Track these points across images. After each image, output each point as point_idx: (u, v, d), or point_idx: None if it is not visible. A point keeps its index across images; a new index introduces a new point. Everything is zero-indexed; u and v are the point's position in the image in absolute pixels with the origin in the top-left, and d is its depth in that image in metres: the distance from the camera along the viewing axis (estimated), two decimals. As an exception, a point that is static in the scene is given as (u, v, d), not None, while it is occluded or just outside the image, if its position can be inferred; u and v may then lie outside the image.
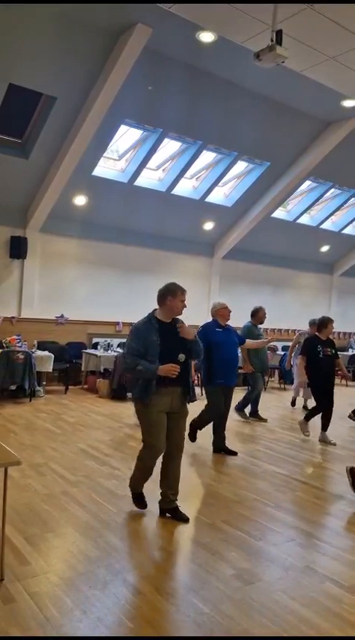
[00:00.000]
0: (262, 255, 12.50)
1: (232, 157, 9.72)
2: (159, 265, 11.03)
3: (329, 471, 5.47)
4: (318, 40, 6.17)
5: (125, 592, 2.88)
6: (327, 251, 13.62)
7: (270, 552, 3.49)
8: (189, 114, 8.46)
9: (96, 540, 3.47)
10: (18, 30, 6.42)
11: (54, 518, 3.80)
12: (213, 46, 6.97)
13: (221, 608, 2.78)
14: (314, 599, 2.93)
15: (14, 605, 2.69)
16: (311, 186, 11.58)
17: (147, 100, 7.96)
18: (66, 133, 7.96)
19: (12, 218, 9.13)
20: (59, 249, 9.77)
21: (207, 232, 11.39)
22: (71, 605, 2.72)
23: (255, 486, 4.77)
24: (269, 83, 8.02)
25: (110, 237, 10.20)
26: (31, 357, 7.95)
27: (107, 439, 6.11)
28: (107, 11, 6.38)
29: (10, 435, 5.98)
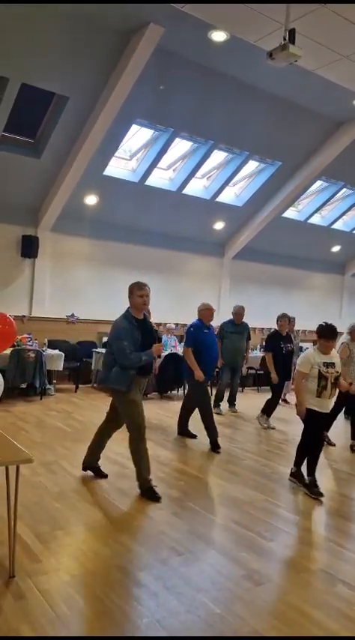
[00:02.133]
0: (273, 256, 12.44)
1: (243, 157, 9.69)
2: (170, 265, 11.03)
3: (341, 472, 5.43)
4: (332, 38, 6.13)
5: (136, 591, 2.88)
6: (339, 251, 13.53)
7: (281, 553, 3.47)
8: (201, 113, 8.44)
9: (107, 539, 3.48)
10: (30, 30, 6.45)
11: (64, 516, 3.81)
12: (224, 45, 6.94)
13: (232, 608, 2.77)
14: (325, 602, 2.91)
15: (25, 601, 2.70)
16: (322, 186, 11.51)
17: (158, 99, 7.95)
18: (77, 133, 7.99)
19: (23, 217, 9.17)
20: (70, 249, 9.81)
21: (218, 232, 11.37)
22: (81, 603, 2.72)
23: (266, 487, 4.75)
24: (280, 83, 7.98)
25: (121, 236, 10.22)
26: (42, 355, 7.98)
27: (118, 438, 6.09)
28: (119, 11, 6.39)
29: (21, 432, 6.01)
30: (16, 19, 6.28)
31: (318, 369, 4.49)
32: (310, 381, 4.55)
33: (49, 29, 6.50)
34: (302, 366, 4.59)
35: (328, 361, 4.55)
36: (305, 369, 4.55)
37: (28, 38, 6.52)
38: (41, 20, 6.37)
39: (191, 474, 5.01)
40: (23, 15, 6.26)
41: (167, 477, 4.82)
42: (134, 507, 4.05)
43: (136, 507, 4.06)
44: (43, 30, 6.49)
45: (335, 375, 4.54)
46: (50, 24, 6.44)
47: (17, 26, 6.36)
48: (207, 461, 5.47)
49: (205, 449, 5.90)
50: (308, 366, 4.53)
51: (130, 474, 4.80)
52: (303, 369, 4.57)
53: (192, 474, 5.01)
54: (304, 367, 4.56)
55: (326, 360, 4.55)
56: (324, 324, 4.62)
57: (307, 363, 4.55)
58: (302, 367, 4.57)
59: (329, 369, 4.52)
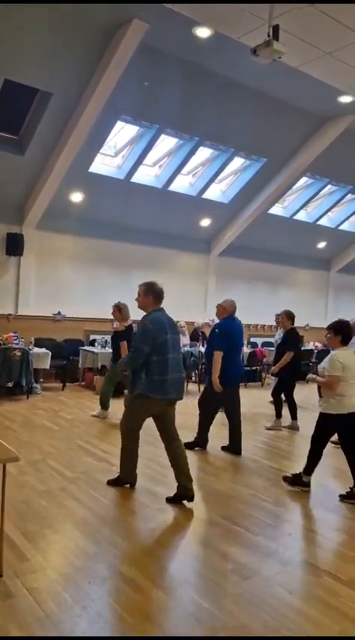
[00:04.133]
0: (259, 252, 12.50)
1: (229, 154, 9.71)
2: (156, 262, 11.01)
3: (326, 466, 5.49)
4: (315, 35, 6.18)
5: (124, 587, 2.88)
6: (324, 247, 13.64)
7: (268, 547, 3.50)
8: (186, 110, 8.44)
9: (95, 536, 3.48)
10: (13, 25, 6.39)
11: (52, 514, 3.80)
12: (209, 41, 6.95)
13: (220, 602, 2.79)
14: (312, 593, 2.95)
15: (13, 600, 2.69)
16: (307, 183, 11.59)
17: (143, 96, 7.93)
18: (62, 130, 7.94)
19: (8, 215, 9.09)
20: (56, 246, 9.75)
21: (204, 229, 11.38)
22: (70, 601, 2.72)
23: (252, 482, 4.79)
24: (265, 79, 8.00)
25: (107, 234, 10.18)
26: (28, 354, 7.94)
27: (104, 436, 6.11)
28: (103, 7, 6.36)
29: (8, 431, 5.98)
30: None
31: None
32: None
33: (32, 24, 6.44)
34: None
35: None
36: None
37: (10, 33, 6.46)
38: (24, 15, 6.31)
39: (179, 470, 5.02)
40: (6, 10, 6.19)
41: (154, 474, 4.83)
42: (121, 504, 4.06)
43: (124, 504, 4.06)
44: (26, 25, 6.43)
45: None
46: (33, 19, 6.39)
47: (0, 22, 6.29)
48: (193, 456, 5.48)
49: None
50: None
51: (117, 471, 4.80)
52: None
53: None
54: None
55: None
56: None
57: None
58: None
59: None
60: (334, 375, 4.28)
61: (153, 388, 4.06)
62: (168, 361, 4.10)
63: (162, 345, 4.09)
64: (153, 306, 4.34)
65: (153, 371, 4.06)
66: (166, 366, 4.08)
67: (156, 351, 4.07)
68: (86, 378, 9.43)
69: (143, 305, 4.39)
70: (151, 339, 4.07)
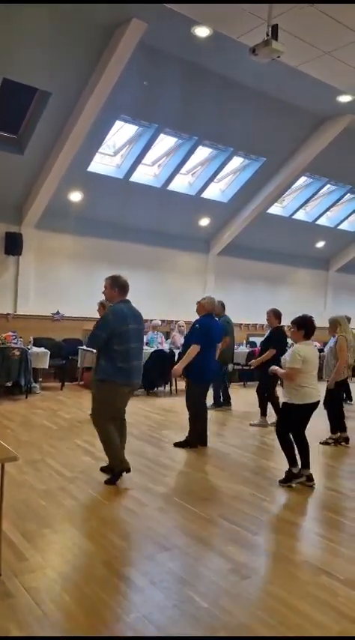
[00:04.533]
0: (258, 252, 12.50)
1: (228, 153, 9.71)
2: (155, 262, 11.02)
3: (324, 465, 5.50)
4: (314, 34, 6.17)
5: (122, 586, 2.89)
6: (323, 247, 13.64)
7: (267, 547, 3.51)
8: (185, 109, 8.44)
9: (94, 536, 3.48)
10: (12, 24, 6.38)
11: (51, 514, 3.80)
12: (208, 41, 6.95)
13: (218, 602, 2.79)
14: (309, 593, 2.95)
15: (12, 600, 2.69)
16: (306, 182, 11.59)
17: (142, 95, 7.93)
18: (61, 129, 7.93)
19: (7, 214, 9.09)
20: (55, 246, 9.75)
21: (203, 228, 11.38)
22: (69, 601, 2.72)
23: (251, 481, 4.79)
24: (264, 79, 8.00)
25: (105, 233, 10.18)
26: (27, 353, 7.94)
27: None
28: (102, 6, 6.35)
29: (7, 431, 5.98)
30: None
31: None
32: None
33: (31, 23, 6.44)
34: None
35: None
36: None
37: (10, 32, 6.45)
38: (23, 14, 6.30)
39: (177, 469, 5.03)
40: (5, 10, 6.18)
41: (153, 473, 4.83)
42: (120, 504, 4.06)
43: (122, 504, 4.06)
44: (25, 24, 6.42)
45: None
46: (33, 19, 6.38)
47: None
48: (192, 456, 5.49)
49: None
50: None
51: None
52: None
53: (177, 469, 5.03)
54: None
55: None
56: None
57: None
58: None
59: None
60: (294, 368, 4.55)
61: (120, 374, 4.38)
62: (131, 350, 4.43)
63: (123, 335, 4.39)
64: (118, 298, 4.63)
65: (118, 359, 4.37)
66: (129, 354, 4.41)
67: (118, 340, 4.37)
68: (85, 377, 9.42)
69: (109, 297, 4.71)
70: (110, 328, 4.38)
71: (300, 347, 4.63)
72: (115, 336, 4.35)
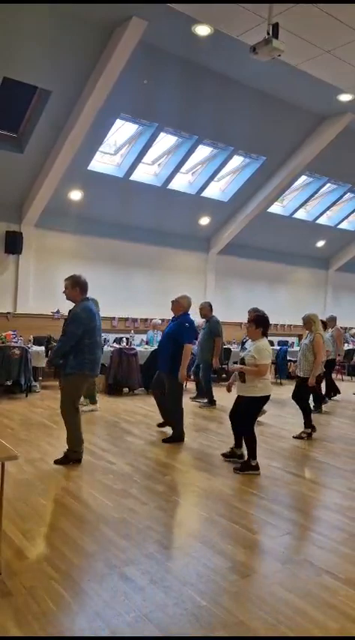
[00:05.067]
0: (258, 251, 12.50)
1: (228, 152, 9.71)
2: (155, 261, 11.02)
3: (324, 464, 5.49)
4: (314, 33, 6.17)
5: (122, 585, 2.88)
6: (323, 246, 13.64)
7: (266, 545, 3.50)
8: (185, 108, 8.43)
9: (93, 534, 3.48)
10: (12, 23, 6.37)
11: (51, 512, 3.80)
12: (208, 39, 6.94)
13: (218, 600, 2.79)
14: (310, 592, 2.95)
15: (11, 598, 2.69)
16: (307, 181, 11.59)
17: (142, 94, 7.93)
18: (61, 127, 7.93)
19: (7, 213, 9.08)
20: (54, 245, 9.74)
21: (203, 227, 11.38)
22: (69, 599, 2.72)
23: (251, 480, 4.79)
24: (265, 77, 8.00)
25: (105, 232, 10.18)
26: (27, 352, 7.93)
27: (103, 434, 6.11)
28: (102, 5, 6.35)
29: (7, 430, 5.97)
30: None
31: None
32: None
33: (31, 22, 6.43)
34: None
35: (246, 346, 5.22)
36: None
37: (10, 31, 6.45)
38: (23, 13, 6.29)
39: (176, 468, 5.03)
40: (5, 8, 6.18)
41: (153, 472, 4.83)
42: (120, 503, 4.06)
43: (122, 503, 4.06)
44: (25, 23, 6.42)
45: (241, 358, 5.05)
46: (33, 17, 6.37)
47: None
48: (191, 455, 5.49)
49: (190, 443, 5.92)
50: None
51: (116, 469, 4.82)
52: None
53: (177, 468, 5.03)
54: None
55: (245, 345, 5.28)
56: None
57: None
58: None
59: (241, 353, 5.18)
60: (266, 364, 4.90)
61: (88, 366, 4.81)
62: (96, 343, 4.92)
63: (93, 330, 4.85)
64: (80, 297, 4.92)
65: (86, 351, 4.79)
66: (95, 347, 4.90)
67: (88, 334, 4.79)
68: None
69: (72, 297, 4.94)
70: (83, 325, 4.75)
71: (265, 344, 4.99)
72: (86, 332, 4.77)
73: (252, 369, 4.86)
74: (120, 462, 5.03)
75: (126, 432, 6.24)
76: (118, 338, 9.86)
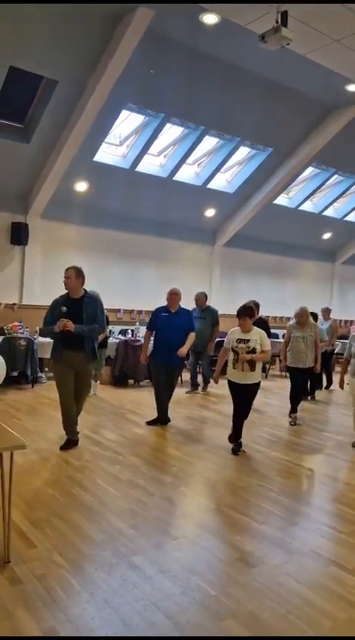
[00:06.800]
0: (264, 243, 12.44)
1: (234, 143, 9.64)
2: (160, 252, 10.98)
3: (332, 456, 5.49)
4: (324, 21, 6.10)
5: (131, 574, 2.90)
6: (329, 238, 13.56)
7: (275, 536, 3.51)
8: (192, 98, 8.36)
9: (101, 524, 3.49)
10: (19, 12, 6.32)
11: (59, 502, 3.82)
12: (216, 28, 6.86)
13: (227, 590, 2.80)
14: (318, 582, 2.95)
15: (21, 586, 2.71)
16: (314, 173, 11.50)
17: (149, 84, 7.86)
18: (67, 118, 7.88)
19: (13, 204, 9.06)
20: (60, 236, 9.72)
21: (209, 219, 11.33)
22: (78, 587, 2.73)
23: (259, 472, 4.79)
24: (273, 67, 7.91)
25: (111, 224, 10.14)
26: (33, 343, 7.95)
27: (110, 425, 6.13)
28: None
29: (13, 420, 6.00)
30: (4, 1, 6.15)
31: (231, 345, 5.27)
32: (230, 354, 5.34)
33: (37, 11, 6.37)
34: (225, 343, 5.46)
35: (242, 338, 5.24)
36: (226, 344, 5.41)
37: (16, 20, 6.39)
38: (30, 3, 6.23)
39: (182, 459, 5.03)
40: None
41: (160, 463, 4.84)
42: (127, 493, 4.07)
43: (130, 493, 4.07)
44: (31, 12, 6.36)
45: (246, 349, 5.17)
46: (39, 6, 6.31)
47: (5, 8, 6.22)
48: (198, 446, 5.50)
49: (196, 435, 5.93)
50: (227, 343, 5.36)
51: (123, 460, 4.83)
52: (225, 344, 5.44)
53: (184, 459, 5.03)
54: (225, 343, 5.43)
55: (240, 337, 5.25)
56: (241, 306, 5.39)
57: (226, 341, 5.40)
58: (225, 343, 5.45)
59: (239, 345, 5.20)
60: (270, 350, 5.37)
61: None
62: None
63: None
64: (80, 288, 5.04)
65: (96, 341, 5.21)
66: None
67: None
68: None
69: (74, 286, 5.01)
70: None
71: (262, 331, 5.34)
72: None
73: (263, 355, 5.25)
74: (127, 453, 5.04)
75: (133, 423, 6.25)
76: (124, 330, 9.86)
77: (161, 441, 5.63)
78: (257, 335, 5.25)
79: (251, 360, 5.18)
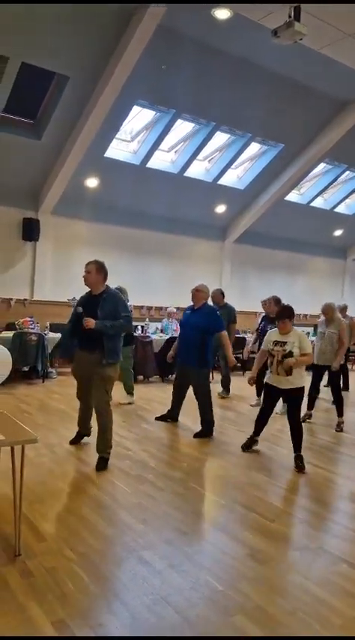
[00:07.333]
0: (274, 239, 12.39)
1: (246, 139, 9.60)
2: (171, 249, 10.98)
3: (344, 455, 5.47)
4: (337, 16, 6.04)
5: (140, 569, 2.91)
6: (341, 235, 13.47)
7: (284, 533, 3.51)
8: (203, 94, 8.34)
9: (111, 518, 3.51)
10: (31, 8, 6.33)
11: (69, 496, 3.84)
12: (228, 23, 6.82)
13: (236, 586, 2.80)
14: (328, 580, 2.95)
15: (32, 579, 2.73)
16: (325, 169, 11.42)
17: (160, 79, 7.85)
18: (78, 114, 7.89)
19: (24, 200, 9.11)
20: (71, 232, 9.76)
21: (219, 215, 11.30)
22: (87, 581, 2.75)
23: (269, 469, 4.79)
24: (285, 62, 7.86)
25: (121, 220, 10.16)
26: (44, 338, 8.00)
27: (119, 420, 6.14)
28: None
29: (24, 415, 6.04)
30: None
31: (268, 347, 4.98)
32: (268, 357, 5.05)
33: (49, 7, 6.38)
34: (263, 345, 5.20)
35: (279, 340, 4.91)
36: (263, 346, 5.14)
37: (28, 16, 6.41)
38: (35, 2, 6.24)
39: (193, 455, 5.04)
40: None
41: (169, 459, 4.86)
42: (137, 488, 4.09)
43: (139, 488, 4.09)
44: (43, 8, 6.37)
45: (282, 353, 4.84)
46: (51, 2, 6.32)
47: (18, 5, 6.23)
48: (208, 442, 5.50)
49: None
50: (265, 345, 5.08)
51: (133, 455, 4.85)
52: (263, 346, 5.18)
53: (194, 455, 5.04)
54: (263, 345, 5.15)
55: (277, 340, 4.93)
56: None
57: (264, 342, 5.13)
58: (263, 345, 5.19)
59: (275, 348, 4.89)
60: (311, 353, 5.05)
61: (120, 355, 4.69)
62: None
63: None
64: (102, 284, 4.70)
65: (118, 340, 4.63)
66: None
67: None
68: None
69: (95, 282, 4.67)
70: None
71: (302, 333, 5.01)
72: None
73: (304, 359, 4.86)
74: (137, 449, 5.06)
75: (143, 419, 6.27)
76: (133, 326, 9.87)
77: (170, 437, 5.64)
78: (295, 337, 4.85)
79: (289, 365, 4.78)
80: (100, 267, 4.67)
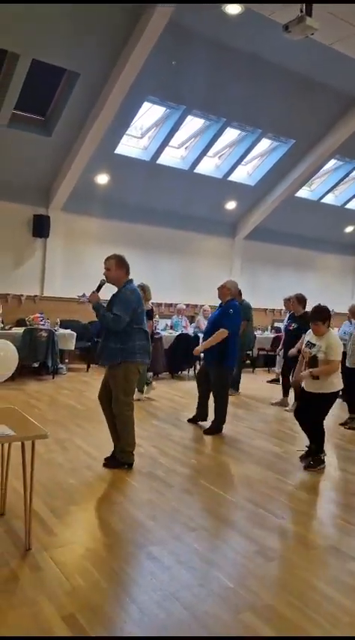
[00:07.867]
0: (285, 236, 12.31)
1: (256, 135, 9.54)
2: (181, 245, 10.97)
3: (352, 452, 5.45)
4: (350, 10, 5.96)
5: (149, 564, 2.92)
6: (352, 232, 13.36)
7: (293, 531, 3.50)
8: (213, 90, 8.29)
9: (121, 514, 3.53)
10: (41, 7, 6.33)
11: (79, 491, 3.87)
12: (239, 19, 6.77)
13: (245, 583, 2.81)
14: (337, 578, 2.94)
15: (41, 573, 2.76)
16: (336, 165, 11.33)
17: (170, 75, 7.82)
18: (89, 110, 7.89)
19: (34, 197, 9.14)
20: (81, 229, 9.78)
21: (230, 212, 11.26)
22: (97, 576, 2.77)
23: (278, 466, 4.78)
24: (296, 57, 7.79)
25: (131, 216, 10.15)
26: (54, 335, 8.03)
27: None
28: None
29: (34, 410, 6.08)
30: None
31: (303, 346, 4.80)
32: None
33: (60, 5, 6.38)
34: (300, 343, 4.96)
35: (311, 341, 4.73)
36: (300, 344, 4.93)
37: (39, 13, 6.41)
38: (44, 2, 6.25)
39: (203, 452, 5.05)
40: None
41: (179, 455, 4.86)
42: (147, 484, 4.10)
43: (149, 485, 4.10)
44: (54, 5, 6.37)
45: (309, 355, 4.65)
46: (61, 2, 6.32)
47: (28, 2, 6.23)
48: (218, 440, 5.50)
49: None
50: (300, 343, 4.88)
51: (143, 452, 4.86)
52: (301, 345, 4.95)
53: (203, 452, 5.05)
54: (300, 344, 4.91)
55: (309, 340, 4.75)
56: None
57: (301, 340, 4.92)
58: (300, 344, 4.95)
59: (305, 348, 4.73)
60: (338, 360, 4.59)
61: (140, 353, 4.33)
62: (144, 330, 4.38)
63: (141, 315, 4.38)
64: (124, 279, 4.46)
65: (136, 338, 4.30)
66: (144, 334, 4.39)
67: (136, 320, 4.31)
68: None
69: (116, 277, 4.47)
70: (132, 309, 4.27)
71: (336, 338, 4.69)
72: (135, 316, 4.30)
73: (323, 369, 4.53)
74: (146, 445, 5.07)
75: (152, 415, 6.29)
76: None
77: (180, 433, 5.64)
78: (324, 342, 4.56)
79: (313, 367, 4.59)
80: (119, 260, 4.47)
